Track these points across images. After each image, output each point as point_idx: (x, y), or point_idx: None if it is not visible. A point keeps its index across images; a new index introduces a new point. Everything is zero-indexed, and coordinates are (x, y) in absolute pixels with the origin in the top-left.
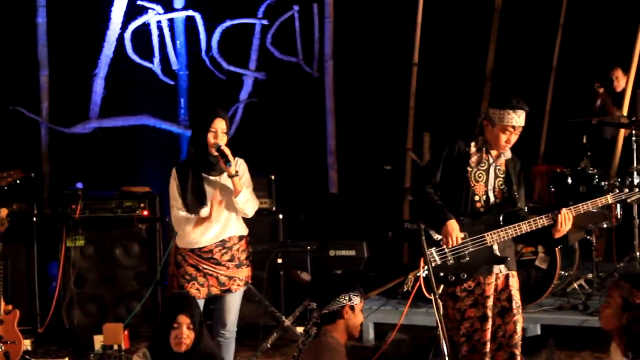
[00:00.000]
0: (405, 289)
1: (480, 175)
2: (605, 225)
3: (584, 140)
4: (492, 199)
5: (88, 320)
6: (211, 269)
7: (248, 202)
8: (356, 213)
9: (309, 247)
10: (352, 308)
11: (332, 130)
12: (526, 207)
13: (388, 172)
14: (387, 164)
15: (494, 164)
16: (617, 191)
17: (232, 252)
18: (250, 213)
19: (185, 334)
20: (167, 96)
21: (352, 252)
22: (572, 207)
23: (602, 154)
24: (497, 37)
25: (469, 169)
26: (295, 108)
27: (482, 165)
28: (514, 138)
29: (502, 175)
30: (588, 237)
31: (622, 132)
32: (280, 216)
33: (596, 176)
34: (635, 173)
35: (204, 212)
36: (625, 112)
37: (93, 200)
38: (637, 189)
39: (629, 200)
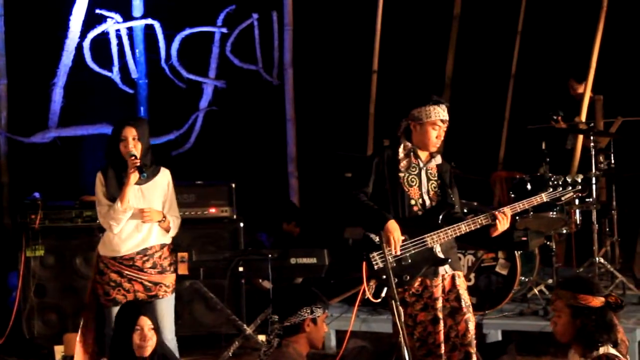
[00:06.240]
0: (367, 296)
1: (412, 179)
2: (564, 231)
3: (543, 147)
4: (427, 202)
5: (48, 331)
6: (134, 274)
7: (171, 230)
8: (317, 221)
9: (269, 255)
10: (313, 321)
11: (293, 138)
12: (465, 209)
13: (349, 179)
14: (348, 171)
15: (424, 168)
16: (552, 190)
17: (154, 259)
18: (171, 234)
19: (149, 336)
20: (127, 105)
21: (313, 260)
22: (508, 206)
23: (561, 161)
24: (456, 44)
25: (401, 174)
26: (255, 116)
27: (413, 169)
28: (443, 133)
29: (435, 179)
30: (548, 243)
31: (581, 138)
32: (241, 224)
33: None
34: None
35: (126, 203)
36: (583, 118)
37: (53, 210)
38: (570, 187)
39: (563, 199)
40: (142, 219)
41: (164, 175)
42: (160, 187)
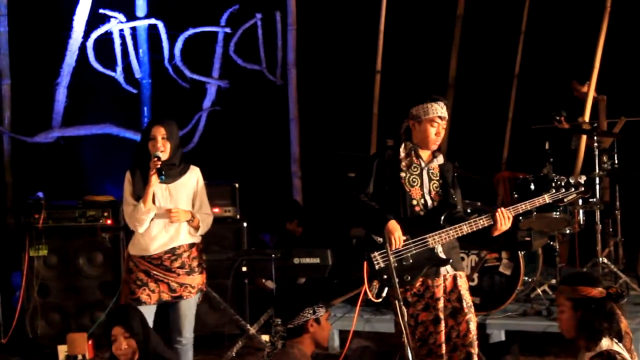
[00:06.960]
0: (370, 296)
1: (414, 179)
2: (568, 231)
3: (547, 147)
4: (429, 202)
5: (52, 330)
6: (161, 275)
7: (200, 229)
8: (320, 220)
9: (273, 255)
10: (317, 320)
11: (296, 137)
12: (469, 209)
13: (352, 180)
14: (351, 171)
15: (426, 168)
16: (554, 190)
17: (183, 259)
18: (200, 232)
19: (123, 345)
20: (130, 105)
21: (317, 260)
22: (510, 207)
23: (565, 161)
24: (460, 45)
25: (402, 174)
26: (258, 116)
27: (414, 169)
28: (442, 131)
29: (437, 178)
30: (551, 243)
31: (584, 139)
32: (245, 224)
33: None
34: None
35: (149, 204)
36: (586, 118)
37: (56, 210)
38: (573, 189)
39: (565, 200)
40: (170, 219)
41: (193, 174)
42: (189, 185)
